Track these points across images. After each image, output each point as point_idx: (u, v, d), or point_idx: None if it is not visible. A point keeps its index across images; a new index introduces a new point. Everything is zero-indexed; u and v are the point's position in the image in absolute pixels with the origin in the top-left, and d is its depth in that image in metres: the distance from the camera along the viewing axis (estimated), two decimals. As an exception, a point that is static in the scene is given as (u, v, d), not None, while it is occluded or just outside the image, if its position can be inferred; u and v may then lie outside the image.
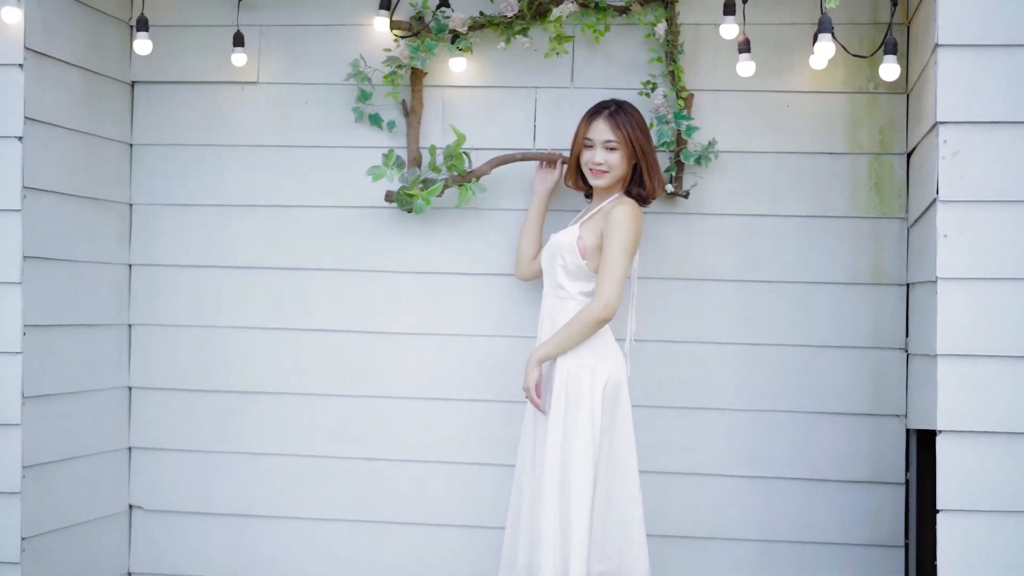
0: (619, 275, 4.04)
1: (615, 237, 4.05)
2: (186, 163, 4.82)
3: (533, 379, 4.08)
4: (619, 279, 4.04)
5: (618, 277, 4.04)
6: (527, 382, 4.08)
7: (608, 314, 4.02)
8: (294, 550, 4.78)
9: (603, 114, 4.18)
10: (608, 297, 4.02)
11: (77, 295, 4.52)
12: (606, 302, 4.02)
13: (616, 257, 4.04)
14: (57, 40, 4.34)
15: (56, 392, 4.38)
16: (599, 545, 4.04)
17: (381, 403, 4.72)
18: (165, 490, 4.85)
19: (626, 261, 4.06)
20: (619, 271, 4.04)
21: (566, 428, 4.03)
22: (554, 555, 3.97)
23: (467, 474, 4.68)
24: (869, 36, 4.47)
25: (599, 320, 4.04)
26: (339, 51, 4.70)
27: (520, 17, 4.50)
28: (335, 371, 4.74)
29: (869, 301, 4.50)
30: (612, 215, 4.08)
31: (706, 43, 4.54)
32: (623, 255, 4.05)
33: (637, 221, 4.09)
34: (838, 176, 4.52)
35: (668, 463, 4.56)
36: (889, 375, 4.49)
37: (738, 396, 4.56)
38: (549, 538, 3.97)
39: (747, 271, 4.55)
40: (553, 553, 3.97)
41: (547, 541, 3.97)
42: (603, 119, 4.17)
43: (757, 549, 4.56)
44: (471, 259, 4.67)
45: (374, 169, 4.46)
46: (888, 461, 4.49)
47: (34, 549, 4.25)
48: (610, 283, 4.03)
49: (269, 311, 4.77)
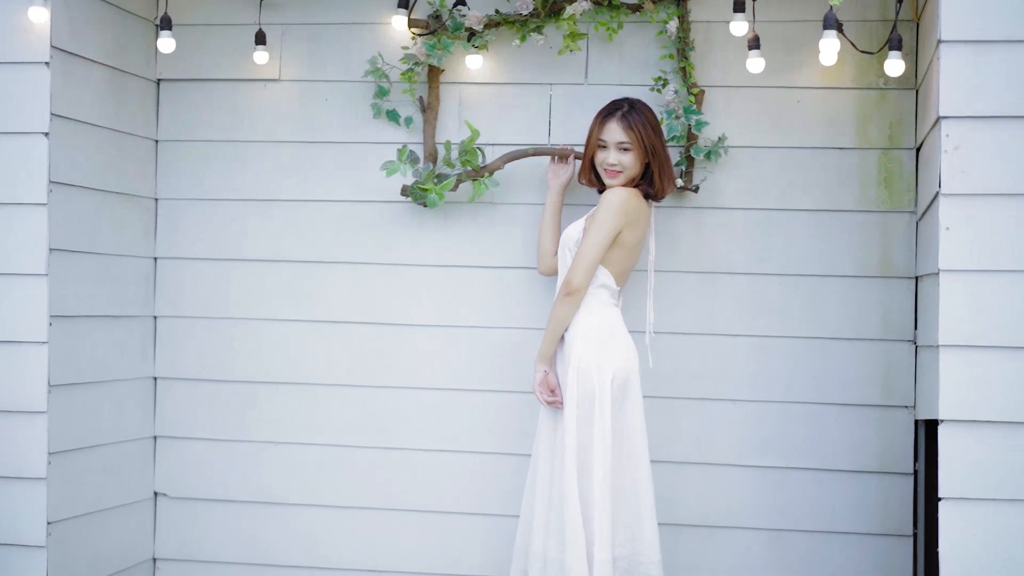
0: (589, 253, 4.12)
1: (595, 219, 4.14)
2: (210, 159, 4.92)
3: (537, 379, 4.20)
4: (588, 256, 4.11)
5: (587, 254, 4.12)
6: (533, 382, 4.21)
7: (568, 289, 4.12)
8: (315, 537, 4.86)
9: (616, 115, 4.23)
10: (572, 274, 4.12)
11: (104, 287, 4.62)
12: (568, 278, 4.12)
13: (588, 236, 4.13)
14: (83, 39, 4.44)
15: (82, 381, 4.48)
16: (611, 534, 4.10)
17: (398, 393, 4.80)
18: (189, 478, 4.95)
19: (600, 240, 4.12)
20: (590, 249, 4.12)
21: (579, 421, 4.08)
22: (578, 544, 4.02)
23: (484, 463, 4.76)
24: (879, 32, 4.51)
25: (562, 297, 4.14)
26: (358, 49, 4.78)
27: (535, 15, 4.57)
28: (353, 362, 4.83)
29: (878, 294, 4.55)
30: (601, 200, 4.17)
31: (717, 40, 4.60)
32: (597, 234, 4.11)
33: (623, 206, 4.13)
34: (848, 171, 4.56)
35: (680, 453, 4.62)
36: (898, 367, 4.53)
37: (749, 387, 4.62)
38: (573, 528, 4.03)
39: (757, 264, 4.60)
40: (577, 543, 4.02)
41: (571, 531, 4.03)
42: (616, 120, 4.23)
43: (767, 538, 4.61)
44: (485, 252, 4.74)
45: (388, 164, 4.55)
46: (897, 452, 4.54)
47: (59, 533, 4.35)
48: (578, 260, 4.12)
49: (289, 303, 4.87)
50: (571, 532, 4.04)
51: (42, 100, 4.24)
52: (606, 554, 4.03)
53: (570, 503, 4.05)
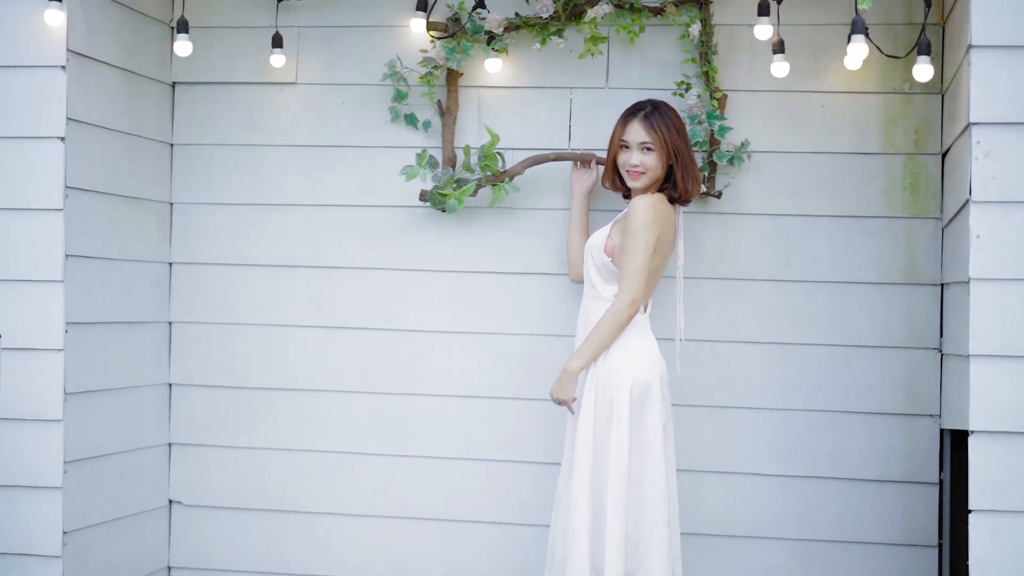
0: (637, 267, 4.03)
1: (629, 229, 4.06)
2: (226, 163, 4.87)
3: (570, 393, 4.07)
4: (638, 271, 4.02)
5: (636, 269, 4.02)
6: (563, 395, 4.07)
7: (634, 309, 4.04)
8: (330, 545, 4.82)
9: (639, 116, 4.18)
10: (631, 292, 4.02)
11: (118, 293, 4.58)
12: (632, 297, 4.02)
13: (630, 250, 4.04)
14: (99, 42, 4.39)
15: (98, 388, 4.44)
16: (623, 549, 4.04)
17: (415, 401, 4.75)
18: (204, 485, 4.91)
19: (643, 252, 4.03)
20: (637, 263, 4.03)
21: (596, 429, 4.04)
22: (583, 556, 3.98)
23: (502, 472, 4.71)
24: (904, 36, 4.46)
25: (628, 317, 4.04)
26: (376, 52, 4.73)
27: (555, 18, 4.52)
28: (370, 368, 4.78)
29: (903, 301, 4.50)
30: (629, 211, 4.10)
31: (740, 44, 4.55)
32: (638, 246, 4.03)
33: (653, 213, 4.06)
34: (872, 176, 4.51)
35: (701, 461, 4.57)
36: (923, 375, 4.48)
37: (772, 395, 4.57)
38: (579, 538, 3.99)
39: (781, 270, 4.56)
40: (582, 555, 3.98)
41: (577, 542, 3.99)
42: (639, 121, 4.17)
43: (790, 548, 4.56)
44: (505, 258, 4.69)
45: (407, 169, 4.50)
46: (922, 461, 4.49)
47: (75, 543, 4.31)
48: (629, 277, 4.03)
49: (305, 309, 4.82)
50: (574, 544, 4.00)
51: (58, 104, 4.19)
52: (617, 569, 3.97)
53: (576, 514, 4.01)
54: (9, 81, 4.21)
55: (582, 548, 3.98)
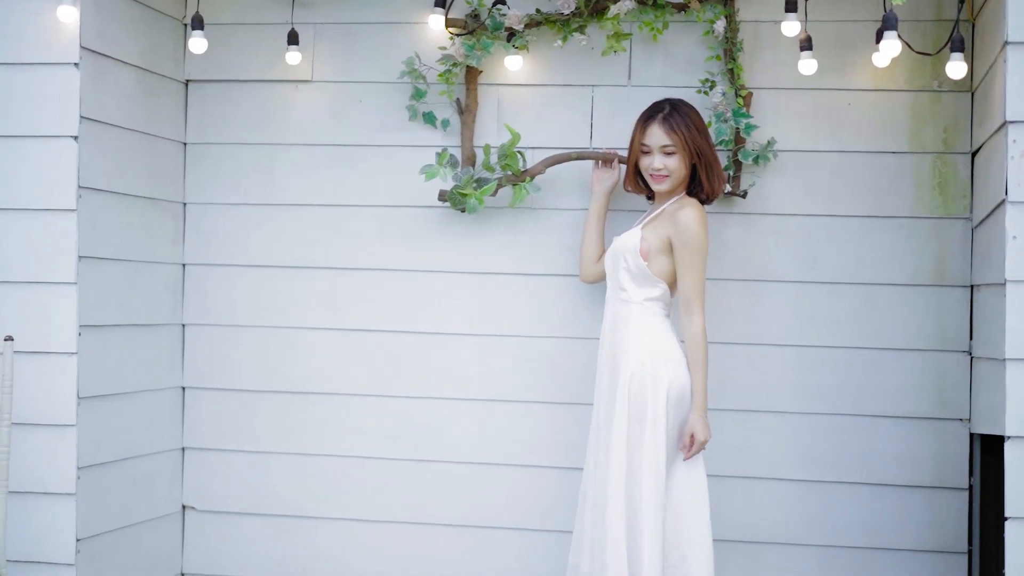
0: (702, 281, 4.02)
1: (686, 242, 4.00)
2: (240, 162, 4.80)
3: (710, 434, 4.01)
4: (702, 285, 4.02)
5: (701, 284, 4.02)
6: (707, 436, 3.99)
7: (703, 324, 4.01)
8: (347, 552, 4.75)
9: (657, 118, 4.10)
10: (703, 310, 4.01)
11: (131, 295, 4.50)
12: (703, 314, 4.01)
13: (693, 265, 4.00)
14: (112, 39, 4.32)
15: (111, 392, 4.37)
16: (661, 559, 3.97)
17: (435, 404, 4.68)
18: (218, 491, 4.84)
19: (703, 265, 4.02)
20: (701, 277, 4.01)
21: (630, 438, 3.96)
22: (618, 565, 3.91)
23: (523, 477, 4.64)
24: (933, 33, 4.39)
25: (706, 335, 4.01)
26: (393, 49, 4.66)
27: (577, 15, 4.45)
28: (388, 372, 4.71)
29: (932, 303, 4.43)
30: (680, 221, 4.02)
31: (765, 40, 4.47)
32: (701, 263, 4.01)
33: (705, 223, 4.03)
34: (900, 176, 4.44)
35: (725, 466, 4.48)
36: (952, 378, 4.41)
37: (797, 398, 4.50)
38: (613, 547, 3.91)
39: (807, 272, 4.48)
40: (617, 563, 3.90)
41: (611, 550, 3.91)
42: (658, 123, 4.10)
43: (816, 555, 4.49)
44: (526, 260, 4.62)
45: (427, 168, 4.43)
46: (951, 466, 4.42)
47: (88, 550, 4.24)
48: (698, 294, 4.01)
49: (322, 311, 4.75)
50: (612, 556, 3.92)
51: (71, 102, 4.12)
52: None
53: (612, 524, 3.93)
54: (22, 79, 4.14)
55: (619, 556, 3.91)
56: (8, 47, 4.15)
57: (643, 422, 3.96)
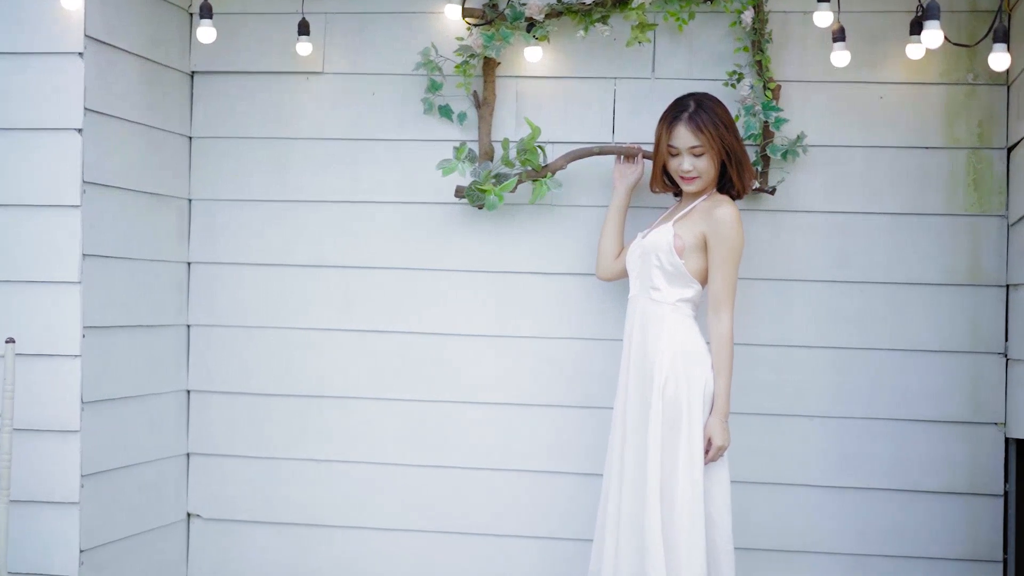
0: (735, 281, 3.92)
1: (723, 241, 3.88)
2: (247, 157, 4.67)
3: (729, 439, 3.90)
4: (735, 285, 3.92)
5: (734, 284, 3.91)
6: (726, 441, 3.87)
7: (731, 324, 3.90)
8: (358, 561, 4.63)
9: (683, 118, 3.96)
10: (732, 310, 3.91)
11: (136, 295, 4.36)
12: (732, 314, 3.91)
13: (730, 265, 3.90)
14: (117, 28, 4.18)
15: (115, 397, 4.23)
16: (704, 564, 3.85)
17: (452, 408, 4.57)
18: (224, 498, 4.71)
19: (737, 265, 3.91)
20: (734, 277, 3.91)
21: (664, 441, 3.84)
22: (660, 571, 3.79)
23: (542, 483, 4.52)
24: (968, 25, 4.27)
25: (732, 337, 3.90)
26: (408, 40, 4.54)
27: (600, 4, 4.32)
28: (402, 374, 4.59)
29: (966, 303, 4.32)
30: (718, 217, 3.90)
31: (794, 32, 4.36)
32: (736, 262, 3.91)
33: (741, 223, 3.92)
34: (934, 172, 4.33)
35: (753, 472, 4.38)
36: (988, 381, 4.31)
37: (827, 402, 4.39)
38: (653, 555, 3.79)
39: (837, 271, 4.38)
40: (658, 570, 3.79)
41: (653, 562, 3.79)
42: (684, 123, 3.96)
43: (848, 563, 4.39)
44: (546, 258, 4.50)
45: (445, 163, 4.31)
46: (986, 471, 4.32)
47: (92, 561, 4.11)
48: (730, 294, 3.90)
49: (334, 311, 4.63)
50: (652, 562, 3.78)
51: (76, 94, 3.99)
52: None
53: (651, 531, 3.80)
54: (24, 68, 4.01)
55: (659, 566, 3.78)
56: (10, 35, 4.01)
57: (678, 427, 3.83)
